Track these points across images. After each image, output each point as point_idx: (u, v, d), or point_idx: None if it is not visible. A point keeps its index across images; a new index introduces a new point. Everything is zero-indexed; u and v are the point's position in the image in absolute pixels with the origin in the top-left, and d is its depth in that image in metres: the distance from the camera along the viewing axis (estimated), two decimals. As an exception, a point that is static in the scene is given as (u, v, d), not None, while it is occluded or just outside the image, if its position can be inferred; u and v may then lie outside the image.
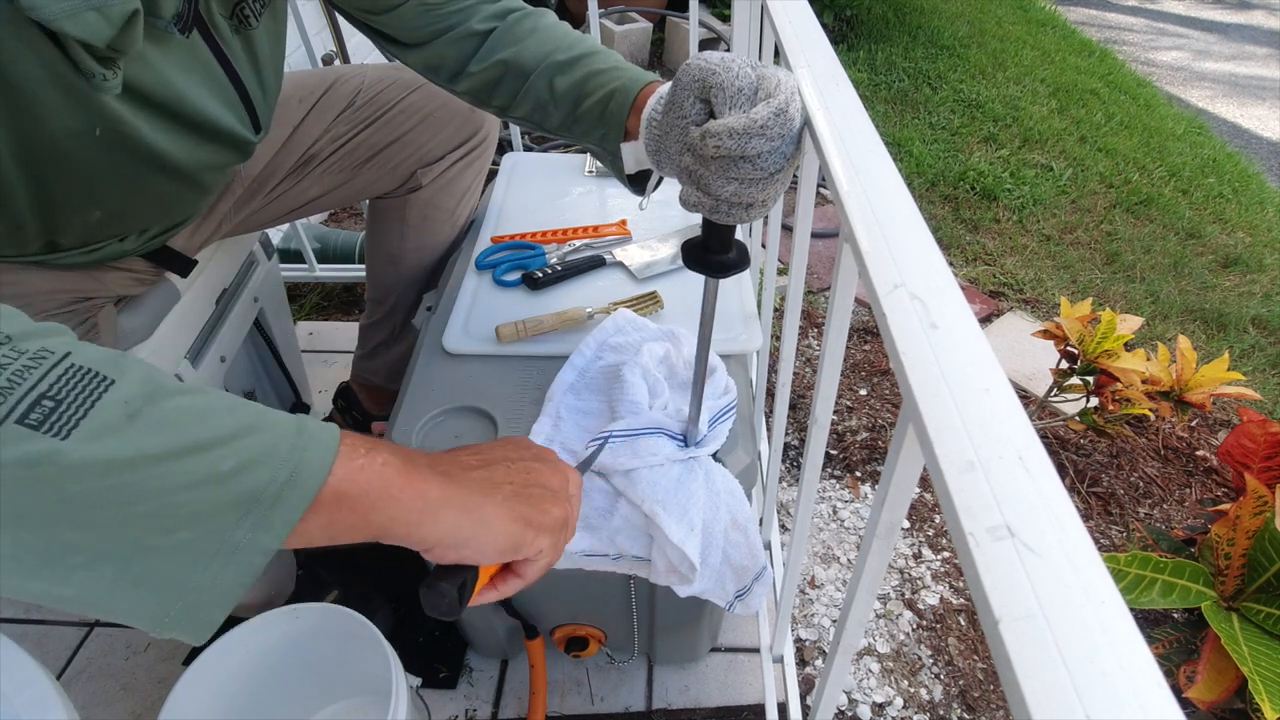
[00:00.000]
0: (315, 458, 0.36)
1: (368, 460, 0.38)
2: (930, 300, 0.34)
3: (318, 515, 0.36)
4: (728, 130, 0.43)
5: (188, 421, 0.33)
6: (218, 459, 0.33)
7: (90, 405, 0.31)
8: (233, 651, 0.77)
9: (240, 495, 0.33)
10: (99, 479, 0.30)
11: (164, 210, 0.76)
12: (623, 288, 0.91)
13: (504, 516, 0.43)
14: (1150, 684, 0.21)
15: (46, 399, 0.30)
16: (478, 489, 0.43)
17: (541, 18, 0.72)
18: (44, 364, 0.31)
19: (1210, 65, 3.70)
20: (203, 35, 0.63)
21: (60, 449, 0.29)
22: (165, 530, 0.32)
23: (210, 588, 0.33)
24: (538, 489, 0.46)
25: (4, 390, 0.29)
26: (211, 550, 0.33)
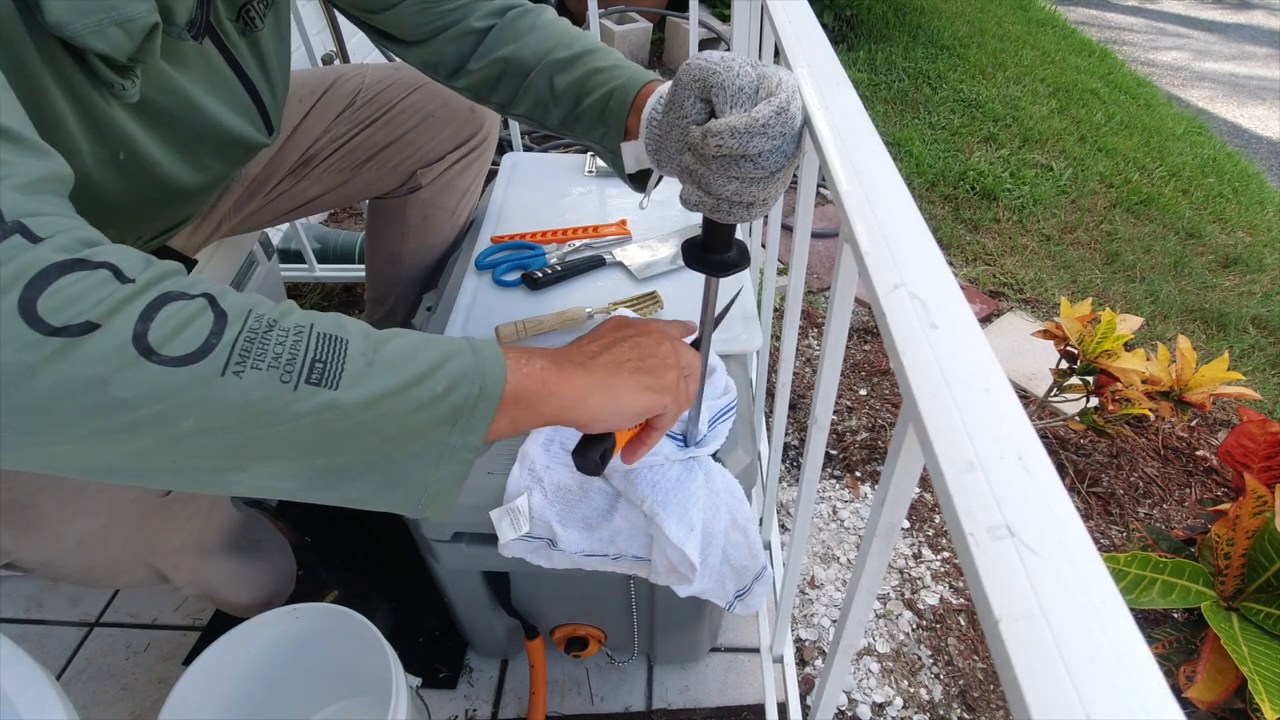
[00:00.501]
0: (493, 371, 0.44)
1: (530, 368, 0.47)
2: (930, 300, 0.34)
3: (503, 414, 0.45)
4: (729, 129, 0.43)
5: (403, 361, 0.41)
6: (432, 385, 0.42)
7: (343, 362, 0.39)
8: (233, 651, 0.77)
9: (451, 410, 0.42)
10: (363, 413, 0.39)
11: (168, 218, 0.76)
12: (623, 288, 0.91)
13: (633, 389, 0.52)
14: (1150, 684, 0.21)
15: (317, 362, 0.38)
16: (610, 372, 0.52)
17: (540, 14, 0.71)
18: (304, 336, 0.39)
19: (1210, 65, 3.70)
20: (213, 41, 0.63)
21: (336, 397, 0.38)
22: (405, 444, 0.41)
23: (443, 479, 0.44)
24: (653, 359, 0.54)
25: (291, 361, 0.38)
26: (437, 454, 0.43)
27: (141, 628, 1.07)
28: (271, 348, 0.38)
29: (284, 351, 0.38)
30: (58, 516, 0.63)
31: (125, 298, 0.34)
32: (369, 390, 0.39)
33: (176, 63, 0.59)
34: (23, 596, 1.10)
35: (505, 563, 0.75)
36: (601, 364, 0.52)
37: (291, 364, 0.38)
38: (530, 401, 0.46)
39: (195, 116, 0.62)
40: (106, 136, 0.55)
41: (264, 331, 0.38)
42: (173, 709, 0.71)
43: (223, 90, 0.65)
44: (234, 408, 0.36)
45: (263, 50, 0.70)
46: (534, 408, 0.47)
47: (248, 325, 0.38)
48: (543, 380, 0.47)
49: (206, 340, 0.36)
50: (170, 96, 0.59)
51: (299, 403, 0.37)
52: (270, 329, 0.38)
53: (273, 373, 0.37)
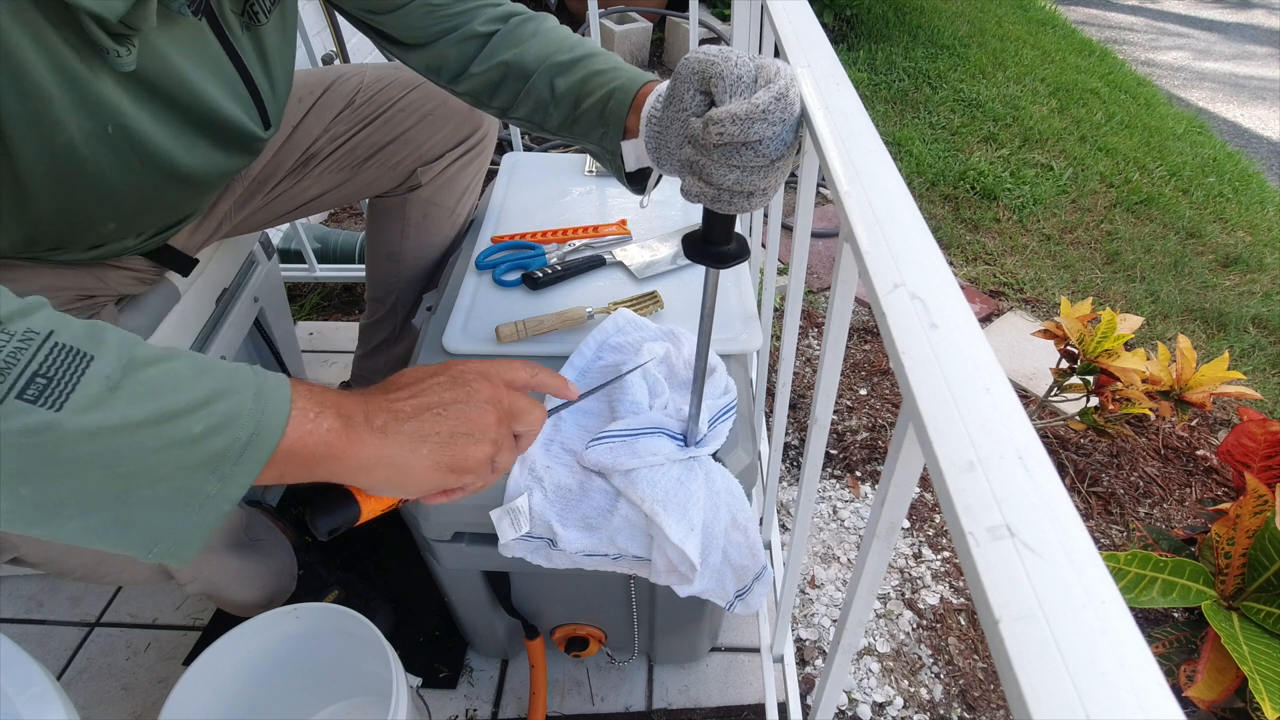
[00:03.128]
0: (271, 420, 0.41)
1: (315, 425, 0.43)
2: (930, 300, 0.34)
3: (272, 469, 0.41)
4: (731, 116, 0.44)
5: (161, 390, 0.37)
6: (189, 424, 0.38)
7: (76, 380, 0.35)
8: (233, 651, 0.77)
9: (209, 455, 0.38)
10: (88, 444, 0.35)
11: (168, 213, 0.76)
12: (623, 288, 0.91)
13: (429, 469, 0.48)
14: (1150, 684, 0.21)
15: (40, 377, 0.34)
16: (407, 445, 0.47)
17: (543, 21, 0.72)
18: (32, 344, 0.35)
19: (1211, 65, 3.70)
20: (213, 29, 0.63)
21: (56, 419, 0.34)
22: (146, 484, 0.37)
23: (187, 529, 0.39)
24: (464, 436, 0.49)
25: (4, 370, 0.34)
26: (186, 500, 0.38)
27: (142, 628, 1.07)
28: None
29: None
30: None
31: None
32: (102, 419, 0.35)
33: (172, 39, 0.59)
34: (23, 596, 1.10)
35: (505, 562, 0.75)
36: (403, 433, 0.47)
37: (4, 371, 0.33)
38: (306, 461, 0.43)
39: (186, 95, 0.62)
40: (93, 108, 0.54)
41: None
42: (173, 709, 0.71)
43: (218, 76, 0.65)
44: None
45: (265, 46, 0.70)
46: (308, 467, 0.43)
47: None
48: (326, 444, 0.43)
49: None
50: (163, 70, 0.59)
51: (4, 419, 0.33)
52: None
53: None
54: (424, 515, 0.72)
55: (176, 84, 0.60)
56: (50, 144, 0.54)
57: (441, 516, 0.72)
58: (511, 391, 0.54)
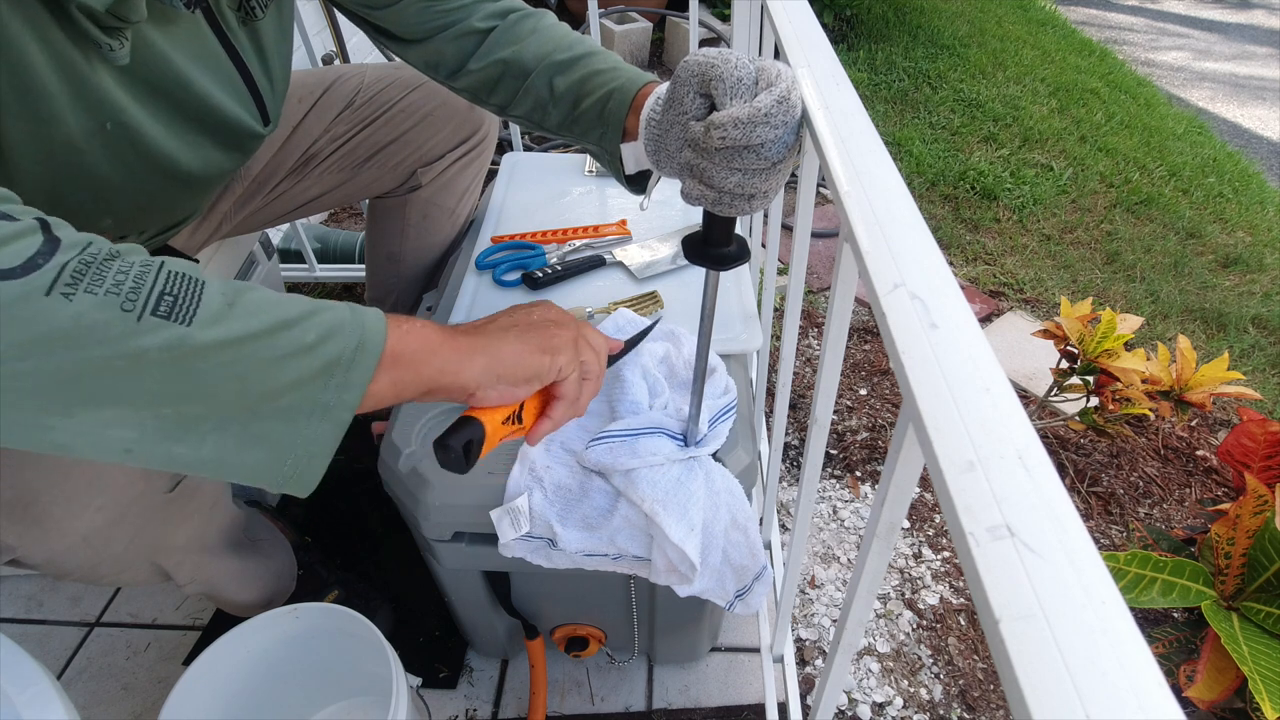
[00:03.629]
0: (373, 326, 0.42)
1: (410, 326, 0.45)
2: (930, 300, 0.34)
3: (384, 373, 0.42)
4: (732, 120, 0.43)
5: (270, 307, 0.39)
6: (302, 332, 0.39)
7: (198, 298, 0.36)
8: (233, 651, 0.77)
9: (324, 362, 0.40)
10: (218, 355, 0.36)
11: (166, 212, 0.76)
12: (623, 288, 0.91)
13: (520, 350, 0.51)
14: (1150, 684, 0.21)
15: (167, 295, 0.35)
16: (494, 337, 0.51)
17: (542, 19, 0.72)
18: (152, 269, 0.36)
19: (1211, 65, 3.70)
20: (210, 24, 0.63)
21: (189, 333, 0.35)
22: (271, 397, 0.38)
23: (313, 440, 0.40)
24: (541, 323, 0.53)
25: (135, 290, 0.35)
26: (308, 410, 0.39)
27: (142, 627, 1.07)
28: (112, 275, 0.34)
29: (126, 280, 0.35)
30: (63, 512, 0.63)
31: None
32: (228, 330, 0.36)
33: (168, 34, 0.59)
34: (23, 596, 1.10)
35: (505, 562, 0.75)
36: (487, 330, 0.51)
37: (136, 292, 0.34)
38: (411, 361, 0.44)
39: (184, 91, 0.62)
40: (92, 105, 0.54)
41: (104, 259, 0.35)
42: (173, 709, 0.71)
43: (217, 71, 0.65)
44: (59, 332, 0.33)
45: (262, 40, 0.70)
46: (415, 368, 0.45)
47: (86, 252, 0.35)
48: (424, 338, 0.46)
49: (31, 259, 0.33)
50: (159, 66, 0.59)
51: (143, 335, 0.34)
52: (112, 258, 0.35)
53: (111, 299, 0.34)
54: (424, 515, 0.72)
55: (173, 80, 0.60)
56: (48, 140, 0.53)
57: (441, 516, 0.72)
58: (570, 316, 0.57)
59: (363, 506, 1.19)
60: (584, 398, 0.58)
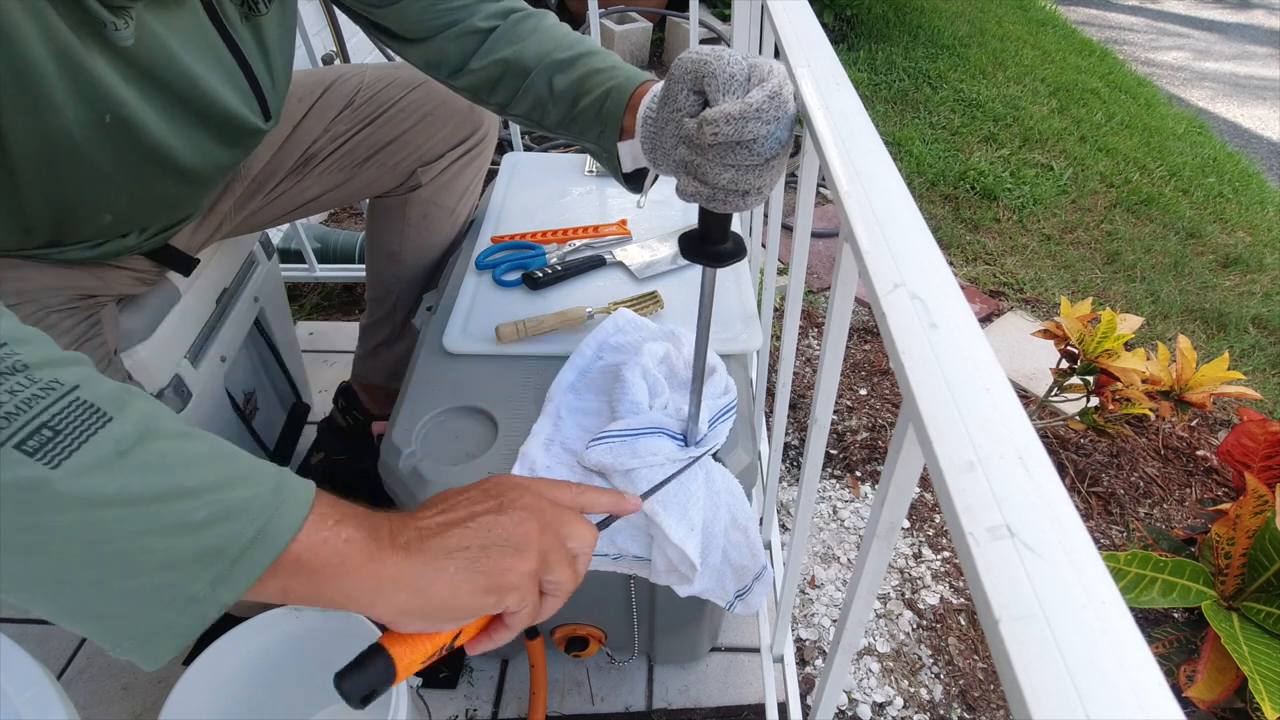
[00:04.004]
0: (285, 519, 0.36)
1: (332, 534, 0.38)
2: (930, 300, 0.34)
3: (275, 578, 0.36)
4: (725, 116, 0.44)
5: (171, 466, 0.34)
6: (191, 508, 0.34)
7: (84, 439, 0.32)
8: (233, 651, 0.77)
9: (206, 548, 0.34)
10: (76, 512, 0.31)
11: (166, 209, 0.76)
12: (623, 288, 0.91)
13: (458, 590, 0.42)
14: (1150, 684, 0.21)
15: (46, 428, 0.31)
16: (431, 563, 0.41)
17: (543, 19, 0.72)
18: (51, 394, 0.32)
19: (1211, 65, 3.70)
20: (210, 18, 0.63)
21: (49, 477, 0.31)
22: (129, 573, 0.33)
23: (163, 631, 0.35)
24: (498, 548, 0.43)
25: (10, 416, 0.31)
26: (169, 598, 0.34)
27: (142, 627, 1.07)
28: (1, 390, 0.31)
29: (8, 401, 0.31)
30: None
31: None
32: (97, 485, 0.32)
33: (169, 26, 0.59)
34: (23, 596, 1.10)
35: (505, 562, 0.75)
36: (428, 550, 0.42)
37: (10, 418, 0.31)
38: (313, 574, 0.38)
39: (185, 83, 0.62)
40: (91, 96, 0.54)
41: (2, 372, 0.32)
42: (173, 709, 0.71)
43: (217, 65, 0.65)
44: None
45: (265, 37, 0.70)
46: (315, 584, 0.38)
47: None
48: (341, 556, 0.38)
49: None
50: (161, 57, 0.58)
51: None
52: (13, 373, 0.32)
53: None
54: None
55: (175, 72, 0.60)
56: (44, 130, 0.53)
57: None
58: (556, 505, 0.48)
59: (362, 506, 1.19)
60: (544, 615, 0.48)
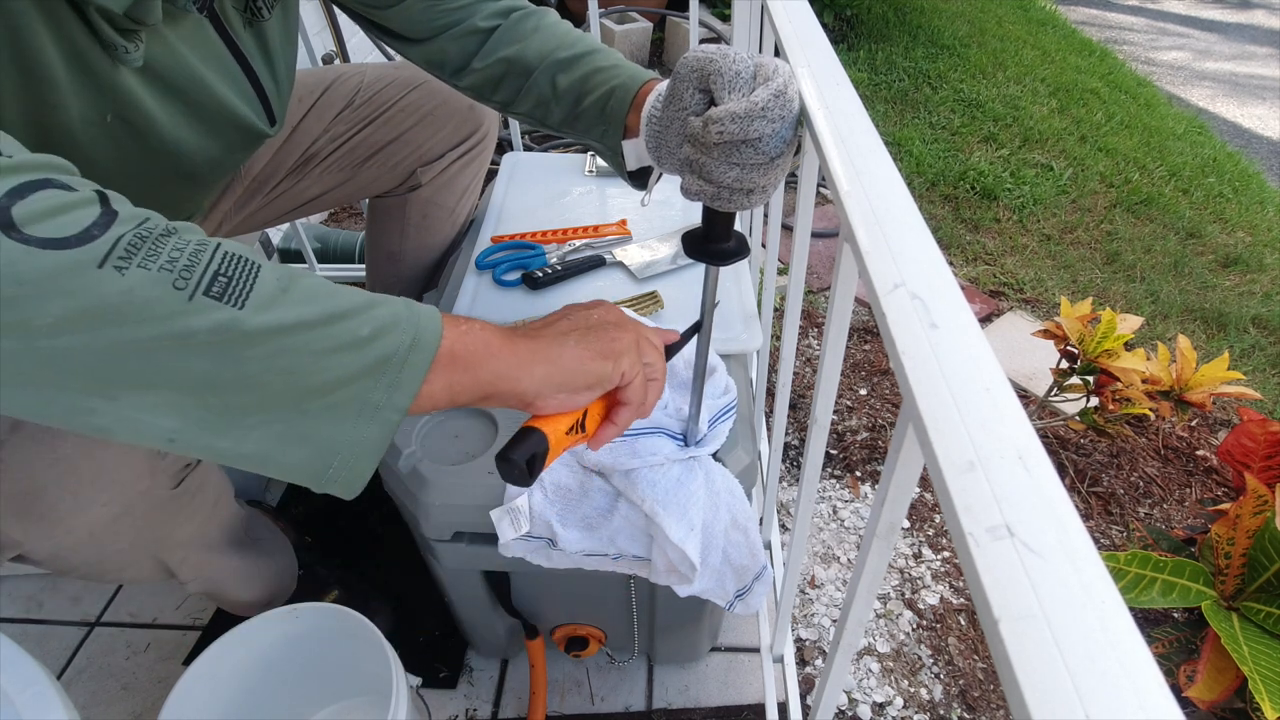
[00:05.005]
0: (428, 324, 0.40)
1: (469, 326, 0.43)
2: (930, 300, 0.34)
3: (439, 375, 0.41)
4: (730, 115, 0.44)
5: (325, 295, 0.37)
6: (357, 325, 0.37)
7: (253, 281, 0.35)
8: (233, 651, 0.77)
9: (377, 358, 0.38)
10: (268, 342, 0.34)
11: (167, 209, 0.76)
12: (623, 287, 0.91)
13: (581, 356, 0.48)
14: (1150, 684, 0.21)
15: (221, 276, 0.34)
16: (554, 342, 0.48)
17: (544, 17, 0.72)
18: (208, 248, 0.35)
19: (1211, 65, 3.70)
20: (215, 26, 0.63)
21: (240, 316, 0.33)
22: (320, 393, 0.36)
23: (360, 442, 0.38)
24: (600, 326, 0.51)
25: (189, 268, 0.33)
26: (357, 410, 0.38)
27: (142, 627, 1.07)
28: (167, 251, 0.33)
29: (181, 257, 0.33)
30: (69, 508, 0.63)
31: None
32: (280, 317, 0.35)
33: (178, 35, 0.59)
34: (23, 596, 1.10)
35: (505, 562, 0.75)
36: (545, 335, 0.49)
37: (190, 270, 0.33)
38: (468, 363, 0.42)
39: (198, 89, 0.62)
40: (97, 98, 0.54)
41: (160, 235, 0.34)
42: (173, 709, 0.71)
43: (224, 72, 0.65)
44: (109, 306, 0.31)
45: (268, 41, 0.70)
46: (472, 370, 0.42)
47: (142, 226, 0.33)
48: (484, 340, 0.43)
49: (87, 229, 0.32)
50: (176, 64, 0.59)
51: (193, 315, 0.33)
52: (169, 234, 0.34)
53: (164, 275, 0.32)
54: (424, 515, 0.72)
55: (188, 78, 0.61)
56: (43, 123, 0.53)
57: (441, 516, 0.72)
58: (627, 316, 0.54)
59: (363, 506, 1.19)
60: (650, 400, 0.55)
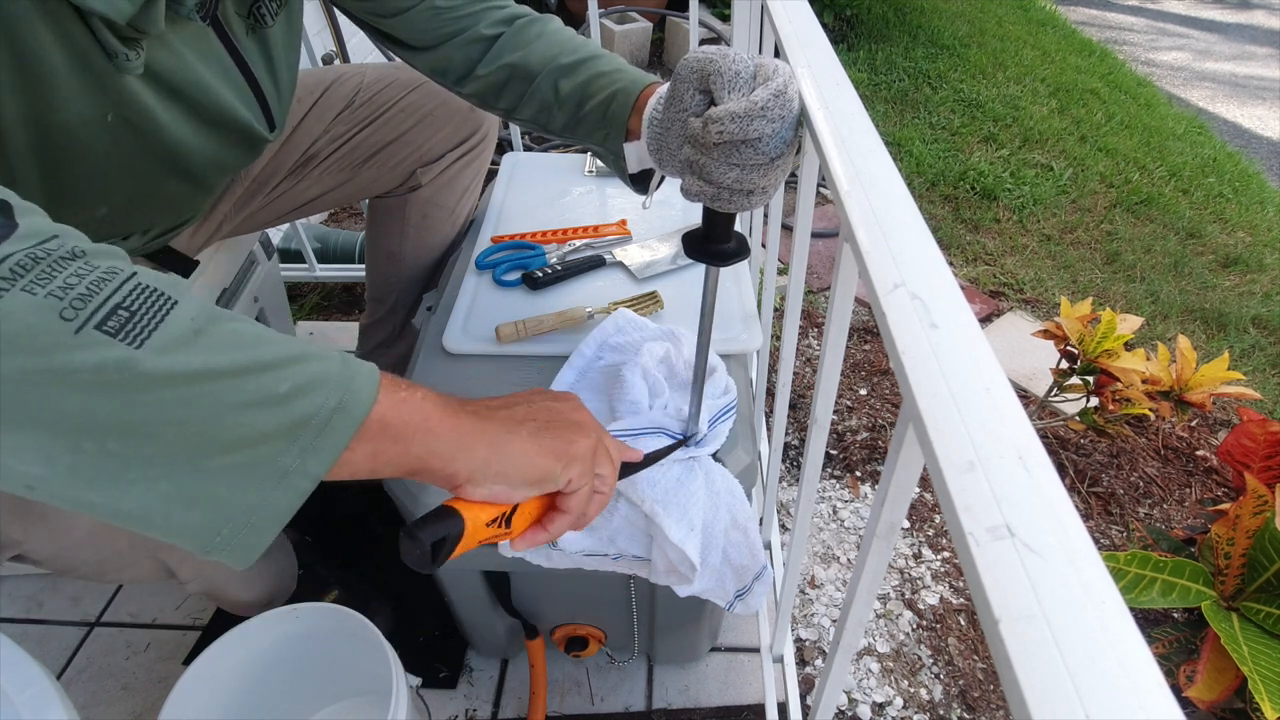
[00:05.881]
0: (362, 387, 0.37)
1: (409, 394, 0.40)
2: (930, 300, 0.34)
3: (363, 444, 0.37)
4: (729, 115, 0.44)
5: (247, 343, 0.34)
6: (275, 380, 0.34)
7: (160, 319, 0.32)
8: (233, 651, 0.77)
9: (293, 419, 0.34)
10: (166, 390, 0.31)
11: (168, 210, 0.76)
12: (623, 288, 0.91)
13: (530, 450, 0.45)
14: (1150, 684, 0.21)
15: (121, 309, 0.31)
16: (504, 427, 0.44)
17: (547, 24, 0.73)
18: (116, 278, 0.31)
19: (1211, 65, 3.70)
20: (217, 33, 0.63)
21: (135, 357, 0.30)
22: (220, 451, 0.33)
23: (258, 510, 0.34)
24: (560, 423, 0.47)
25: (84, 297, 0.30)
26: (262, 474, 0.34)
27: (142, 627, 1.07)
28: (63, 276, 0.30)
29: (78, 284, 0.30)
30: None
31: None
32: (185, 362, 0.31)
33: (181, 40, 0.59)
34: (23, 596, 1.10)
35: (505, 562, 0.75)
36: (500, 418, 0.45)
37: (84, 300, 0.30)
38: (400, 434, 0.39)
39: (201, 93, 0.62)
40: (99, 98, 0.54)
41: (61, 257, 0.30)
42: (173, 709, 0.71)
43: (224, 78, 0.66)
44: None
45: (271, 47, 0.70)
46: (403, 442, 0.39)
47: (42, 245, 0.30)
48: (422, 413, 0.40)
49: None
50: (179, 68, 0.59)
51: (76, 350, 0.29)
52: (72, 258, 0.31)
53: (51, 302, 0.29)
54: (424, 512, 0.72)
55: (190, 82, 0.61)
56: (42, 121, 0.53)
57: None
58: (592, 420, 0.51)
59: (363, 506, 1.19)
60: (590, 514, 0.51)
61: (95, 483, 0.31)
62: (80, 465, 0.31)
